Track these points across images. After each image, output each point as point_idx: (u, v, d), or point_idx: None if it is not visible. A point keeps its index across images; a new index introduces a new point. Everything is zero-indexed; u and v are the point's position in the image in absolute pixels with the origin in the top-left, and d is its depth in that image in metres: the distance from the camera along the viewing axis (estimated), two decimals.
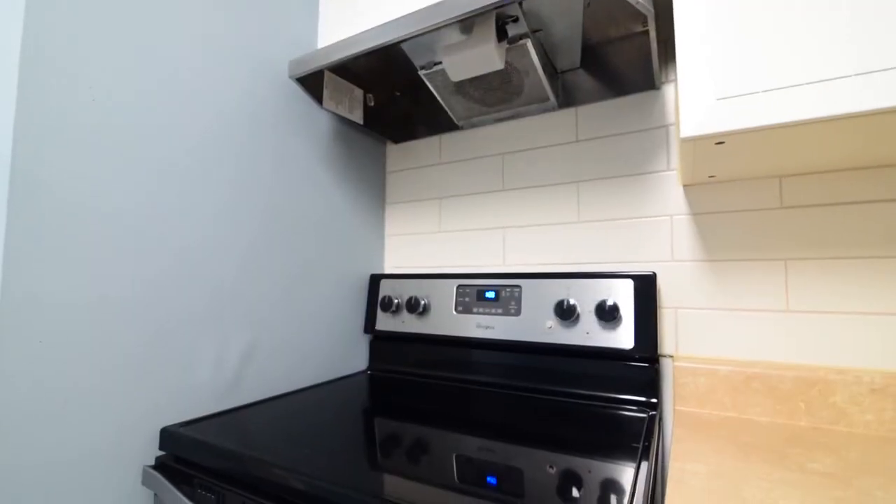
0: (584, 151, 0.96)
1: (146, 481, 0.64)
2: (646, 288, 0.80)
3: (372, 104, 1.08)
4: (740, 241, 0.81)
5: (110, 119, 0.63)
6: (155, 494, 0.66)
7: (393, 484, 0.50)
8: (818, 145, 0.62)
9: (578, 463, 0.56)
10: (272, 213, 0.88)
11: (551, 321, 0.86)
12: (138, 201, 0.66)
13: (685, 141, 0.60)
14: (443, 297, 1.00)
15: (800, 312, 0.76)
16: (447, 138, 1.15)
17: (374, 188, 1.19)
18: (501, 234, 1.04)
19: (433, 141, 1.17)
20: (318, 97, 0.94)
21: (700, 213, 0.84)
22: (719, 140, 0.59)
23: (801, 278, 0.76)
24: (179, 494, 0.59)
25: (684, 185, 0.86)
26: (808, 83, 0.52)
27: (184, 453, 0.64)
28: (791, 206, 0.77)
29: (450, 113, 1.01)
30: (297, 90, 0.95)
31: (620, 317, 0.81)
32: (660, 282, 0.86)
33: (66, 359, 0.58)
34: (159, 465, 0.65)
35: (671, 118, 0.88)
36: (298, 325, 0.93)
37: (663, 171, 0.88)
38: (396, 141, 1.21)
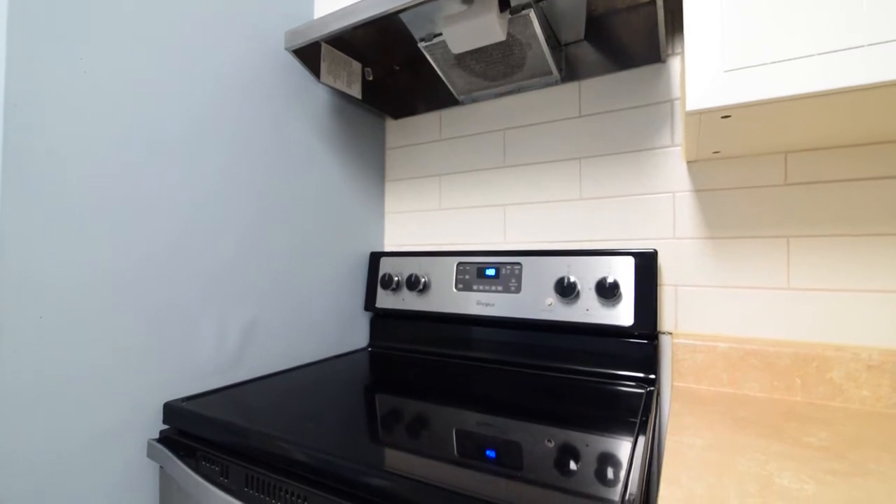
0: (586, 127, 0.94)
1: (151, 454, 0.65)
2: (646, 265, 0.80)
3: (370, 78, 1.06)
4: (743, 218, 0.80)
5: (102, 91, 0.61)
6: (161, 467, 0.67)
7: (394, 457, 0.50)
8: (826, 119, 0.61)
9: (576, 437, 0.57)
10: (270, 189, 0.87)
11: (551, 298, 0.86)
12: (134, 174, 0.65)
13: (690, 115, 0.59)
14: (443, 275, 1.00)
15: (800, 290, 0.76)
16: (447, 114, 1.13)
17: (373, 165, 1.18)
18: (502, 212, 1.04)
19: (433, 117, 1.15)
20: (315, 71, 0.92)
21: (703, 190, 0.83)
22: (725, 114, 0.58)
23: (803, 256, 0.76)
24: (184, 466, 0.60)
25: (688, 162, 0.85)
26: (818, 54, 0.50)
27: (187, 427, 0.65)
28: (795, 182, 0.76)
29: (450, 87, 0.99)
30: (294, 63, 0.93)
31: (620, 294, 0.81)
32: (660, 259, 0.86)
33: (68, 334, 0.58)
34: (163, 439, 0.66)
35: (676, 92, 0.86)
36: (299, 302, 0.94)
37: (667, 146, 0.87)
38: (396, 117, 1.19)
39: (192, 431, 0.65)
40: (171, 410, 0.67)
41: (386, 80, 1.10)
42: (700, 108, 0.56)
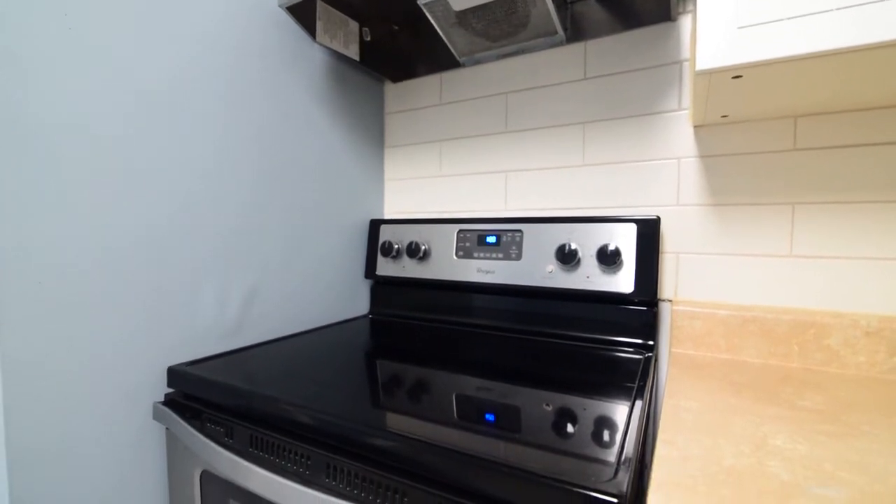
0: (591, 90, 0.91)
1: (157, 416, 0.67)
2: (649, 232, 0.79)
3: (369, 39, 1.02)
4: (748, 184, 0.78)
5: (88, 48, 0.59)
6: (167, 428, 0.69)
7: (395, 419, 0.51)
8: (842, 80, 0.58)
9: (574, 401, 0.57)
10: (268, 155, 0.85)
11: (552, 265, 0.86)
12: (127, 139, 0.64)
13: (700, 75, 0.56)
14: (443, 242, 0.99)
15: (802, 257, 0.75)
16: (448, 77, 1.09)
17: (372, 131, 1.15)
18: (503, 178, 1.02)
19: (433, 80, 1.11)
20: (311, 30, 0.89)
21: (709, 156, 0.81)
22: (737, 74, 0.56)
23: (807, 223, 0.75)
24: (189, 428, 0.61)
25: (695, 126, 0.82)
26: (837, 9, 0.48)
27: (192, 390, 0.66)
28: (804, 147, 0.75)
29: (451, 48, 0.95)
30: (288, 21, 0.89)
31: (622, 261, 0.80)
32: (663, 226, 0.85)
33: (69, 300, 0.58)
34: (169, 402, 0.67)
35: (686, 53, 0.83)
36: (299, 269, 0.94)
37: (674, 110, 0.84)
38: (395, 80, 1.16)
39: (196, 394, 0.66)
40: (175, 374, 0.68)
41: (384, 41, 1.06)
42: (711, 68, 0.54)
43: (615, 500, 0.35)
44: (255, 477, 0.53)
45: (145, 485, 0.67)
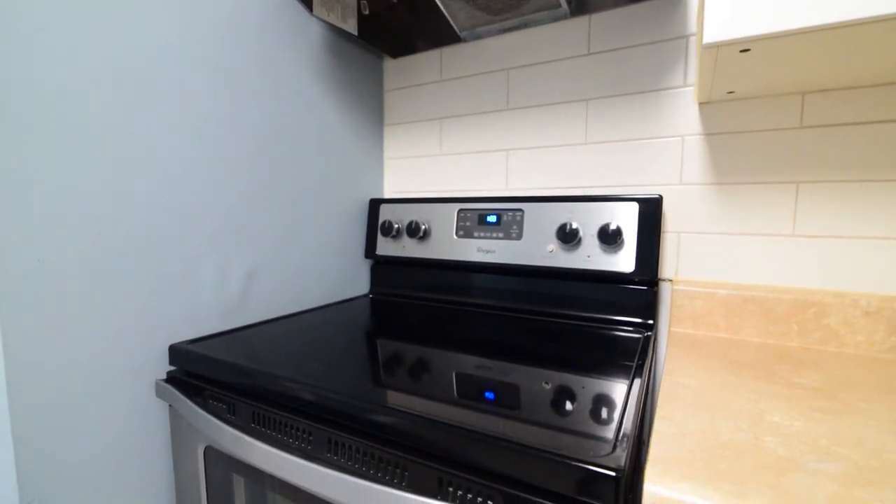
0: (595, 65, 0.89)
1: (160, 393, 0.67)
2: (651, 211, 0.79)
3: (367, 13, 0.99)
4: (753, 163, 0.77)
5: (73, 23, 0.57)
6: (170, 406, 0.70)
7: (395, 397, 0.52)
8: (854, 54, 0.57)
9: (573, 380, 0.58)
10: (265, 133, 0.84)
11: (553, 245, 0.86)
12: (114, 114, 0.62)
13: (707, 48, 0.55)
14: (443, 222, 0.99)
15: (805, 237, 0.75)
16: (449, 52, 1.07)
17: (371, 108, 1.13)
18: (505, 157, 1.01)
19: (433, 55, 1.09)
20: (307, 2, 0.86)
21: (714, 134, 0.80)
22: (745, 47, 0.54)
23: (811, 202, 0.74)
24: (192, 404, 0.62)
25: (700, 103, 0.81)
26: None
27: (194, 368, 0.67)
28: (811, 125, 0.73)
29: (451, 22, 0.93)
30: None
31: (623, 240, 0.80)
32: (665, 205, 0.84)
33: (67, 278, 0.58)
34: (171, 379, 0.68)
35: (692, 27, 0.81)
36: (299, 248, 0.93)
37: (679, 87, 0.83)
38: (394, 55, 1.13)
39: (198, 372, 0.66)
40: (177, 352, 0.68)
41: (383, 15, 1.03)
42: (718, 41, 0.53)
43: (613, 474, 0.36)
44: (258, 452, 0.53)
45: (150, 460, 0.68)
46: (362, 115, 1.10)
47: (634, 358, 0.65)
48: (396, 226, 1.04)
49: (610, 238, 0.79)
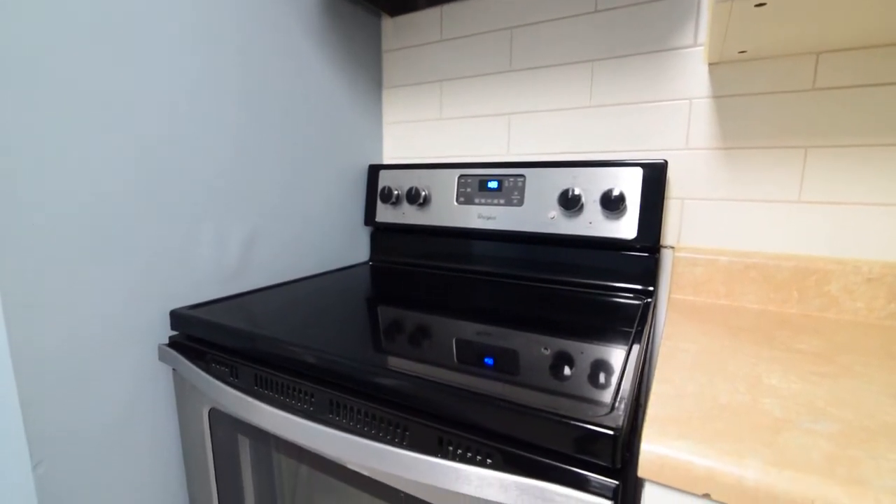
0: (602, 24, 0.86)
1: (163, 357, 0.68)
2: (655, 176, 0.77)
3: None
4: (762, 127, 0.75)
5: None
6: (173, 369, 0.70)
7: (397, 361, 0.52)
8: (874, 6, 0.54)
9: (572, 346, 0.58)
10: (256, 95, 0.82)
11: (554, 211, 0.85)
12: (103, 72, 0.60)
13: (721, 2, 0.52)
14: (444, 188, 0.97)
15: (811, 203, 0.74)
16: (450, 10, 1.02)
17: (369, 70, 1.09)
18: (507, 121, 0.98)
19: (434, 14, 1.04)
20: None
21: (723, 96, 0.77)
22: (760, 1, 0.52)
23: (819, 168, 0.73)
24: (195, 368, 0.63)
25: (710, 64, 0.78)
26: None
27: (195, 332, 0.67)
28: (824, 87, 0.71)
29: None
30: None
31: (626, 206, 0.79)
32: (669, 171, 0.83)
33: (62, 242, 0.57)
34: (173, 344, 0.68)
35: None
36: (297, 215, 0.92)
37: (689, 47, 0.79)
38: (393, 13, 1.09)
39: (200, 336, 0.67)
40: (178, 317, 0.69)
41: None
42: None
43: (611, 433, 0.36)
44: (262, 413, 0.54)
45: (157, 422, 0.70)
46: (360, 78, 1.06)
47: (634, 324, 0.66)
48: (396, 192, 1.02)
49: (613, 204, 0.78)
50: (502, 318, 0.69)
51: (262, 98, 0.82)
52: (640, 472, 0.36)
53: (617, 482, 0.36)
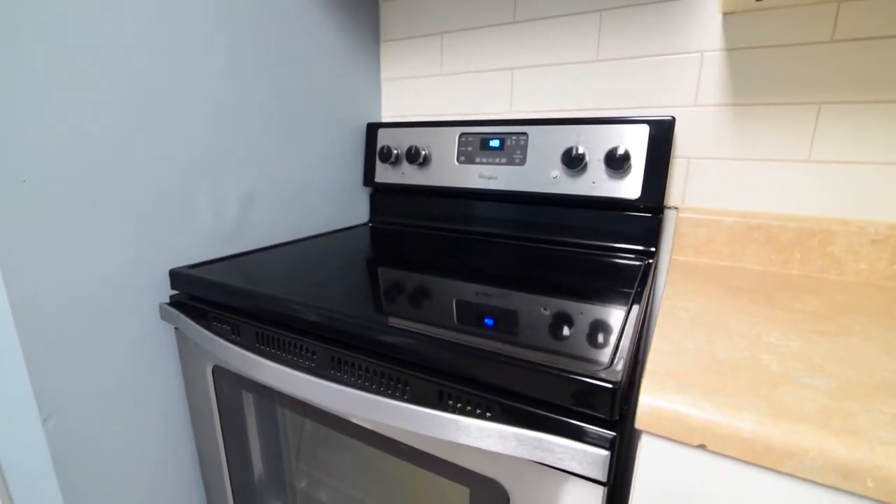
0: None
1: (164, 316, 0.68)
2: (662, 134, 0.75)
3: None
4: (775, 82, 0.72)
5: None
6: (175, 328, 0.71)
7: (399, 321, 0.52)
8: None
9: (572, 306, 0.58)
10: (245, 49, 0.78)
11: (557, 171, 0.83)
12: (91, 25, 0.57)
13: None
14: (444, 147, 0.95)
15: (820, 162, 0.72)
16: None
17: (366, 22, 1.04)
18: (509, 76, 0.95)
19: None
20: None
21: (736, 49, 0.74)
22: None
23: (831, 126, 0.70)
24: (197, 326, 0.63)
25: (724, 14, 0.74)
26: None
27: (196, 291, 0.67)
28: (842, 39, 0.68)
29: None
30: None
31: (630, 166, 0.77)
32: (676, 129, 0.80)
33: (57, 199, 0.56)
34: (174, 303, 0.69)
35: None
36: (294, 174, 0.90)
37: None
38: None
39: (200, 295, 0.67)
40: (178, 276, 0.68)
41: None
42: None
43: (610, 386, 0.36)
44: (265, 369, 0.55)
45: (163, 379, 0.71)
46: (356, 30, 1.02)
47: (634, 285, 0.65)
48: (395, 151, 1.00)
49: (617, 163, 0.76)
50: (502, 279, 0.68)
51: (251, 52, 0.79)
52: (638, 424, 0.37)
53: (614, 433, 0.37)
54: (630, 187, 0.78)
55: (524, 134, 0.86)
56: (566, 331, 0.49)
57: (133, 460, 0.68)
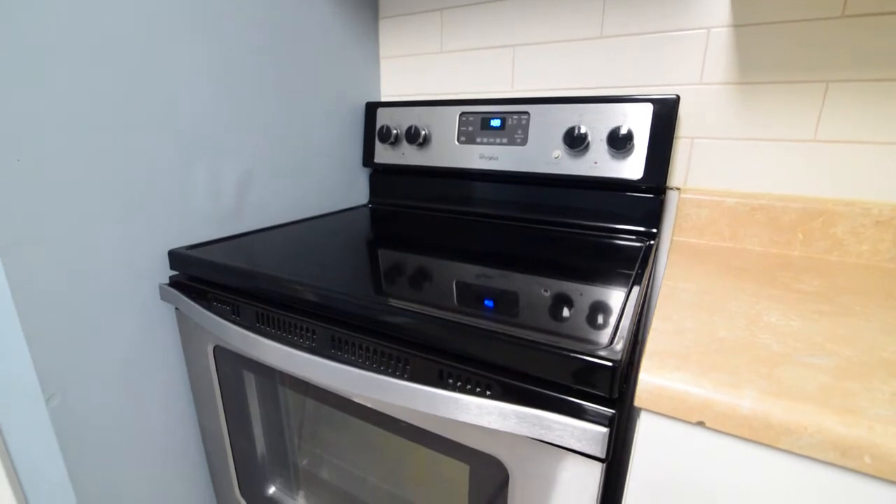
0: None
1: (164, 297, 0.68)
2: (666, 113, 0.74)
3: None
4: (783, 59, 0.71)
5: None
6: (176, 308, 0.71)
7: (398, 301, 0.52)
8: None
9: (572, 287, 0.57)
10: (240, 27, 0.76)
11: (559, 151, 0.82)
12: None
13: None
14: (444, 127, 0.94)
15: (826, 142, 0.71)
16: None
17: None
18: (511, 54, 0.93)
19: None
20: None
21: (744, 25, 0.72)
22: None
23: (838, 105, 0.69)
24: (197, 306, 0.63)
25: None
26: None
27: (196, 272, 0.67)
28: (854, 14, 0.66)
29: None
30: None
31: (633, 145, 0.76)
32: (681, 108, 0.79)
33: (51, 178, 0.55)
34: (174, 284, 0.68)
35: None
36: (293, 155, 0.89)
37: None
38: None
39: (200, 276, 0.66)
40: (177, 257, 0.68)
41: None
42: None
43: (610, 364, 0.36)
44: (265, 348, 0.55)
45: (165, 359, 0.71)
46: (353, 5, 0.99)
47: (635, 266, 0.65)
48: (395, 131, 0.99)
49: (620, 143, 0.75)
50: (503, 260, 0.68)
51: (250, 30, 0.77)
52: (637, 402, 0.37)
53: (614, 411, 0.37)
54: (632, 168, 0.77)
55: (526, 113, 0.85)
56: (566, 311, 0.49)
57: (137, 439, 0.69)
